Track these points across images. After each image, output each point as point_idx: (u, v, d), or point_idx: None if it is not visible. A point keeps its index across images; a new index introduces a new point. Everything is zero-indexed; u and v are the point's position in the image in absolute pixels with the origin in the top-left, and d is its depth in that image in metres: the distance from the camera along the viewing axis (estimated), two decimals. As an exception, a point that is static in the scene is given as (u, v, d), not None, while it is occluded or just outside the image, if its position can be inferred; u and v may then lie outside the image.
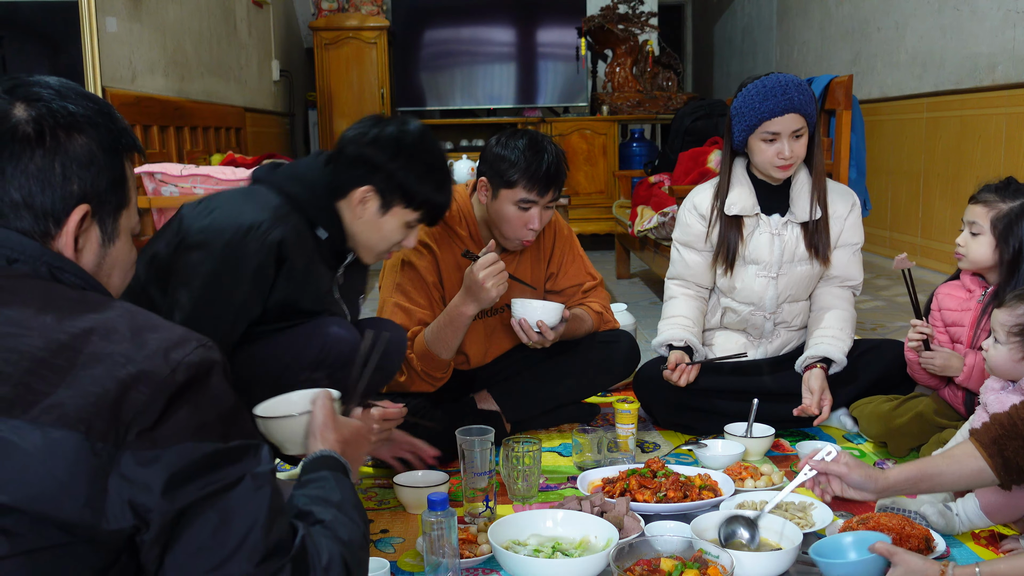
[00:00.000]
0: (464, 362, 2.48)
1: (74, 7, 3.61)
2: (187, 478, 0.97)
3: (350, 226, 1.92)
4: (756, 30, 8.67)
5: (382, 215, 1.90)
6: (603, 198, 6.90)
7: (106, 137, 1.10)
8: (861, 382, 2.52)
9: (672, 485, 1.99)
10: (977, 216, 2.25)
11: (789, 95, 2.38)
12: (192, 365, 0.98)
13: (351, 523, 1.19)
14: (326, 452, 1.34)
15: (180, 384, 0.97)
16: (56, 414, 0.92)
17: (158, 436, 0.95)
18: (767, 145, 2.43)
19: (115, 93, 3.71)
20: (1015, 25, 4.50)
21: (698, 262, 2.61)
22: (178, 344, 0.99)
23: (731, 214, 2.52)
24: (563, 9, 7.35)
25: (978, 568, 1.49)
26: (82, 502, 0.93)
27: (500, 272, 2.19)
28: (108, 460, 0.93)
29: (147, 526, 0.96)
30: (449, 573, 1.64)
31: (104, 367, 0.95)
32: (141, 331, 0.99)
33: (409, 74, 7.35)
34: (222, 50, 5.63)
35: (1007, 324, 1.89)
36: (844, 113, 3.82)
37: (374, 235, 1.93)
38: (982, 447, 1.59)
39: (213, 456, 0.98)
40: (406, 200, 1.89)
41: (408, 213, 1.91)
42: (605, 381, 2.68)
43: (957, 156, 5.09)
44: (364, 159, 1.87)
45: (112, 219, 1.12)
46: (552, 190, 2.33)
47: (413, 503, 2.04)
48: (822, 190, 2.53)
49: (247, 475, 1.01)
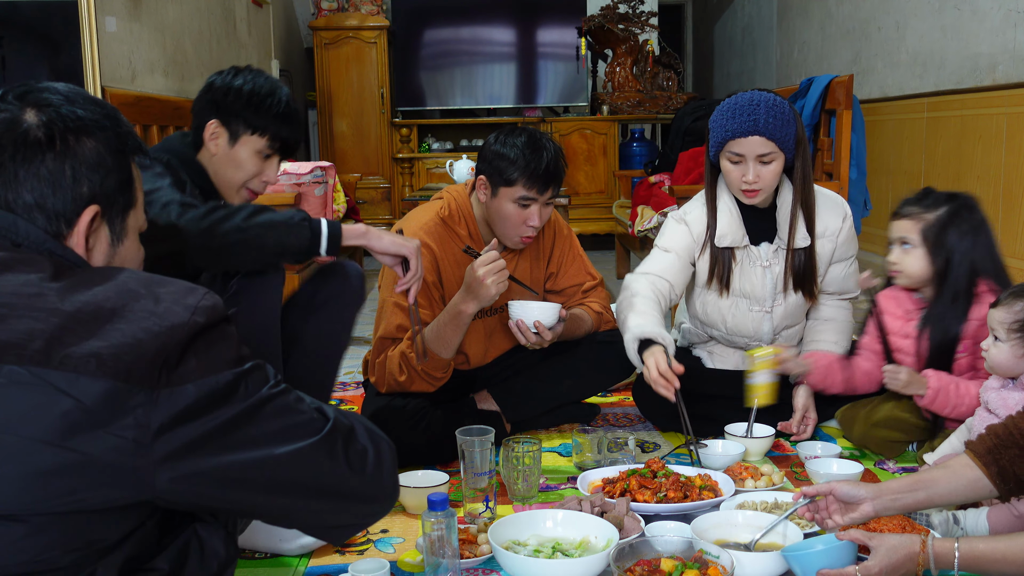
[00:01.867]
0: (464, 362, 2.48)
1: (74, 7, 3.61)
2: (217, 404, 1.05)
3: (210, 168, 2.05)
4: (756, 30, 8.66)
5: (232, 145, 2.02)
6: (603, 198, 6.90)
7: (113, 140, 1.15)
8: None
9: (672, 485, 1.99)
10: (906, 231, 2.24)
11: (756, 116, 2.26)
12: (207, 308, 1.07)
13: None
14: None
15: (201, 326, 1.05)
16: (94, 363, 0.98)
17: (186, 372, 1.03)
18: (732, 166, 2.34)
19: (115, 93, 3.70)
20: (1016, 25, 4.49)
21: (680, 270, 2.47)
22: (189, 292, 1.08)
23: (722, 246, 2.45)
24: (563, 9, 7.35)
25: (957, 543, 1.47)
26: (128, 448, 0.99)
27: (501, 270, 2.19)
28: (146, 401, 1.00)
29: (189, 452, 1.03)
30: (449, 573, 1.64)
31: (128, 322, 1.01)
32: (153, 287, 1.07)
33: (409, 74, 7.35)
34: (222, 50, 5.63)
35: (1006, 322, 1.89)
36: (844, 113, 3.82)
37: (230, 168, 2.04)
38: (977, 457, 1.57)
39: (235, 381, 1.07)
40: (250, 127, 2.00)
41: (256, 140, 2.02)
42: (605, 381, 2.68)
43: (957, 156, 5.09)
44: (206, 102, 2.02)
45: (120, 219, 1.18)
46: (551, 187, 2.33)
47: (413, 503, 2.03)
48: (810, 218, 2.41)
49: (267, 390, 1.11)
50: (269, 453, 1.08)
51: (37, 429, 0.96)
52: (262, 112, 2.01)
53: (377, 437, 1.21)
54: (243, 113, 2.00)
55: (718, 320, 2.53)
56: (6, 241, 1.08)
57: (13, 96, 1.12)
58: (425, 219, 2.41)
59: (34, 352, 0.97)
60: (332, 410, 1.18)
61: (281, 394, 1.12)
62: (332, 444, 1.14)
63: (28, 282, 1.03)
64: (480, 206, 2.42)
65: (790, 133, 2.31)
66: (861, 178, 3.97)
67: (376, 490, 1.21)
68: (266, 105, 2.01)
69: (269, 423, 1.09)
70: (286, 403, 1.12)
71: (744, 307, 2.49)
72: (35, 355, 0.97)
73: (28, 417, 0.96)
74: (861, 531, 1.56)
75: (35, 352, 0.97)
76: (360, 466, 1.16)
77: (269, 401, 1.09)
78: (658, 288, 2.42)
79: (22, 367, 0.97)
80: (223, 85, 2.02)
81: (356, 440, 1.17)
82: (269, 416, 1.09)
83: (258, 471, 1.08)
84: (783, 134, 2.29)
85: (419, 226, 2.39)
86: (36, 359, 0.97)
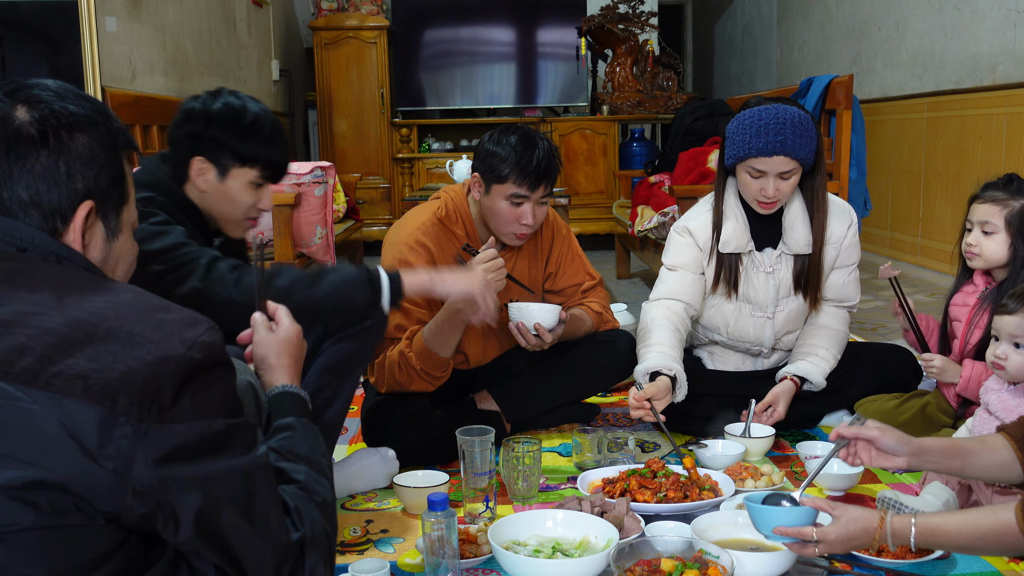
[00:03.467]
0: (464, 362, 2.48)
1: (74, 7, 3.61)
2: (205, 452, 1.02)
3: (202, 204, 1.96)
4: (756, 30, 8.66)
5: (222, 180, 1.92)
6: (603, 198, 6.89)
7: (106, 136, 1.14)
8: (868, 385, 2.51)
9: (672, 485, 1.99)
10: (989, 215, 2.22)
11: (783, 137, 2.24)
12: (206, 345, 1.04)
13: (322, 479, 1.27)
14: (288, 389, 1.40)
15: (197, 363, 1.02)
16: (80, 386, 0.96)
17: (179, 412, 1.00)
18: (752, 180, 2.33)
19: (115, 93, 3.70)
20: (1015, 25, 4.49)
21: (692, 283, 2.47)
22: (191, 325, 1.04)
23: (726, 252, 2.44)
24: (563, 9, 7.35)
25: (913, 519, 1.49)
26: (106, 478, 0.96)
27: (499, 268, 2.19)
28: (132, 433, 0.97)
29: (165, 502, 1.00)
30: (449, 573, 1.64)
31: (123, 345, 0.99)
32: (154, 311, 1.04)
33: (409, 74, 7.35)
34: (222, 50, 5.63)
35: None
36: (844, 113, 3.82)
37: (225, 204, 1.95)
38: (1013, 439, 1.59)
39: (228, 432, 1.05)
40: (238, 159, 1.92)
41: (247, 172, 1.93)
42: (605, 381, 2.67)
43: (957, 156, 5.09)
44: (186, 136, 1.91)
45: (115, 214, 1.16)
46: (543, 185, 2.33)
47: (413, 503, 2.03)
48: (821, 226, 2.42)
49: (257, 454, 1.09)
50: (233, 519, 1.05)
51: (16, 447, 0.95)
52: (249, 141, 1.90)
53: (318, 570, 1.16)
54: (229, 144, 1.89)
55: (720, 324, 2.53)
56: (10, 247, 1.07)
57: (2, 93, 1.10)
58: (422, 219, 2.41)
59: (22, 371, 0.96)
60: (310, 517, 1.16)
61: (264, 469, 1.10)
62: (286, 555, 1.11)
63: (29, 300, 1.01)
64: (476, 205, 2.42)
65: (812, 149, 2.31)
66: (861, 178, 3.98)
67: None
68: (252, 132, 1.91)
69: (248, 491, 1.07)
70: (266, 481, 1.10)
71: (747, 312, 2.49)
72: (23, 373, 0.95)
73: (8, 434, 0.95)
74: (825, 500, 1.59)
75: (23, 371, 0.96)
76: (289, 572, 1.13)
77: (253, 472, 1.08)
78: (673, 311, 2.43)
79: (9, 384, 0.95)
80: (201, 114, 1.90)
81: (303, 569, 1.14)
82: (249, 485, 1.07)
83: (215, 523, 1.04)
84: (806, 152, 2.29)
85: (416, 226, 2.39)
86: (24, 377, 0.95)
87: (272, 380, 1.43)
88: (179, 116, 1.93)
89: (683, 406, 2.41)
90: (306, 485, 1.23)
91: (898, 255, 5.86)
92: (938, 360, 2.25)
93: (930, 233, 5.44)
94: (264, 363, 1.44)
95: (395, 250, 2.38)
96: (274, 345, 1.45)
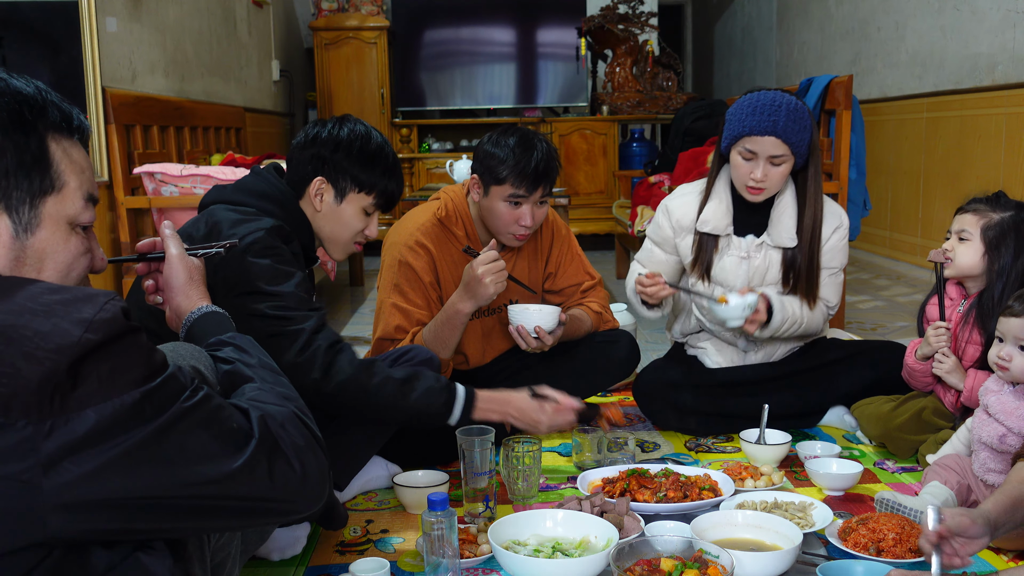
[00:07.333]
0: (463, 362, 2.49)
1: (74, 7, 3.61)
2: (121, 429, 0.93)
3: (313, 223, 2.03)
4: (756, 30, 8.67)
5: (339, 203, 2.00)
6: (603, 198, 6.89)
7: (3, 112, 0.99)
8: (864, 381, 2.51)
9: (672, 485, 1.99)
10: (967, 224, 2.26)
11: (776, 117, 2.27)
12: (104, 322, 0.93)
13: (278, 379, 1.24)
14: (211, 308, 1.39)
15: (95, 343, 0.92)
16: None
17: (84, 396, 0.91)
18: (743, 161, 2.35)
19: (115, 93, 3.70)
20: (1015, 25, 4.50)
21: (664, 261, 2.54)
22: (85, 302, 0.94)
23: (703, 231, 2.46)
24: (563, 9, 7.35)
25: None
26: (12, 491, 0.88)
27: (500, 270, 2.20)
28: (35, 434, 0.88)
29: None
30: (449, 573, 1.64)
31: (12, 343, 0.89)
32: (48, 296, 0.94)
33: (409, 74, 7.35)
34: (222, 50, 5.63)
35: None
36: (844, 113, 3.82)
37: (336, 225, 2.02)
38: None
39: (141, 401, 0.95)
40: (357, 185, 1.99)
41: (363, 198, 2.01)
42: (605, 381, 2.67)
43: (957, 156, 5.09)
44: (311, 157, 1.99)
45: (28, 206, 1.02)
46: (542, 186, 2.34)
47: (413, 503, 2.04)
48: (816, 223, 2.41)
49: (179, 405, 0.98)
50: (183, 475, 0.96)
51: None
52: (371, 169, 1.99)
53: (304, 451, 1.09)
54: (351, 170, 1.98)
55: (695, 307, 2.55)
56: None
57: None
58: (422, 220, 2.41)
59: None
60: (258, 416, 1.07)
61: (198, 405, 0.99)
62: (254, 464, 1.02)
63: None
64: (476, 206, 2.43)
65: (805, 139, 2.33)
66: (861, 178, 3.97)
67: (299, 503, 1.09)
68: (374, 161, 1.99)
69: (183, 440, 0.97)
70: (204, 416, 1.00)
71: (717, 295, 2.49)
72: None
73: None
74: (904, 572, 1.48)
75: None
76: (283, 483, 1.05)
77: (183, 417, 0.97)
78: None
79: None
80: (329, 139, 1.98)
81: (281, 455, 1.05)
82: (183, 433, 0.97)
83: (170, 496, 0.96)
84: (798, 139, 2.31)
85: (416, 227, 2.40)
86: None
87: (188, 304, 1.40)
88: (303, 138, 2.02)
89: (687, 406, 2.42)
90: (267, 389, 1.19)
91: (897, 255, 5.86)
92: (948, 363, 2.22)
93: (929, 233, 5.44)
94: (173, 287, 1.41)
95: (395, 250, 2.38)
96: (182, 270, 1.42)
